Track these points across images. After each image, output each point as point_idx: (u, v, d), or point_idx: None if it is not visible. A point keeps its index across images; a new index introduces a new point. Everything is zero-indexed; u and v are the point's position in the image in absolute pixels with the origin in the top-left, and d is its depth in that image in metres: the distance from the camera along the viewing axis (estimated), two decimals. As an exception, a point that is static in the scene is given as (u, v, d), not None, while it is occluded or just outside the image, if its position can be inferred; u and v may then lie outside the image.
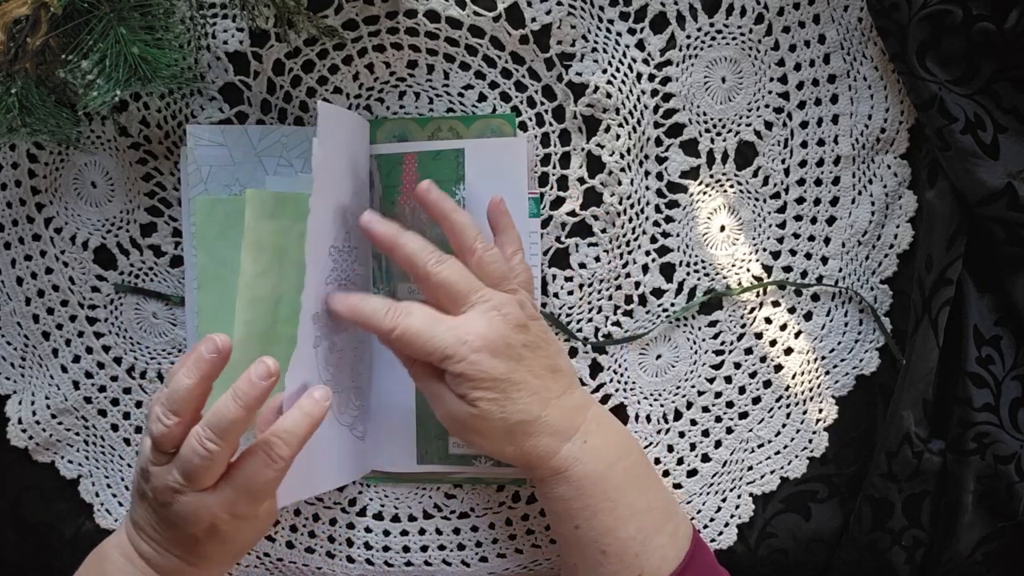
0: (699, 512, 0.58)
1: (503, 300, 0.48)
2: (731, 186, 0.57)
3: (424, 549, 0.59)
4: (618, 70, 0.55)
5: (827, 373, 0.57)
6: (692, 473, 0.58)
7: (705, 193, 0.57)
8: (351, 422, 0.55)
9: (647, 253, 0.57)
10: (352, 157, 0.53)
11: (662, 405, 0.58)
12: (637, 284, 0.57)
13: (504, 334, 0.47)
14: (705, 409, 0.58)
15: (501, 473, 0.57)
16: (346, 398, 0.54)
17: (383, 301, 0.48)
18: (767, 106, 0.56)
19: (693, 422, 0.58)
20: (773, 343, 0.57)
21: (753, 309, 0.57)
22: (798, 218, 0.57)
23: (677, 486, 0.58)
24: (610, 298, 0.57)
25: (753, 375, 0.58)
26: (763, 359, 0.58)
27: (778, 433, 0.58)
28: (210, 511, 0.44)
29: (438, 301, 0.49)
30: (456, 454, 0.57)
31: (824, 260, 0.57)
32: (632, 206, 0.56)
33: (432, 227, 0.54)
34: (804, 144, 0.56)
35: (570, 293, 0.57)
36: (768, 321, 0.57)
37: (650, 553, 0.47)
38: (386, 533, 0.59)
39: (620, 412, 0.58)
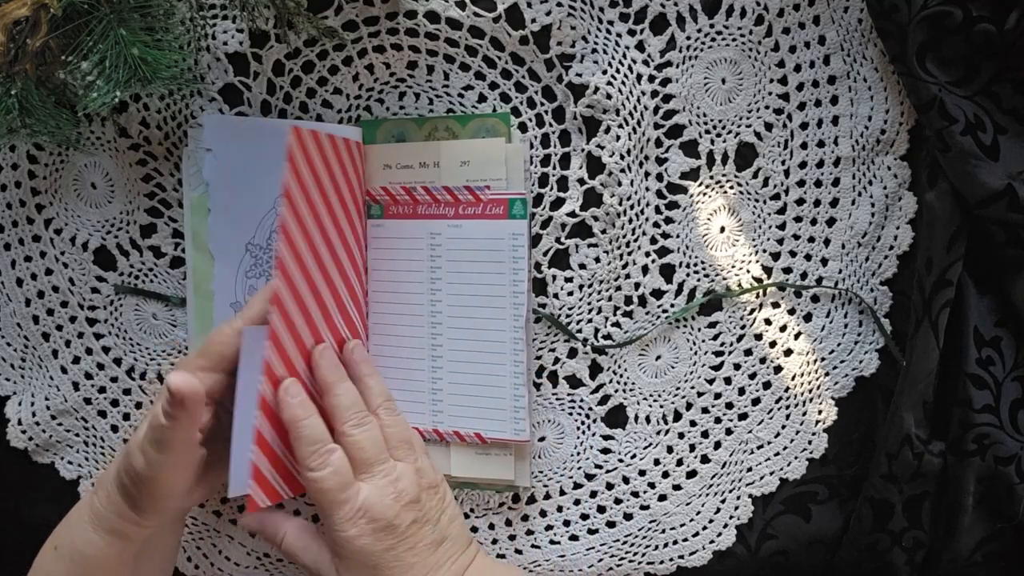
0: (698, 514, 0.58)
1: (401, 473, 0.50)
2: (731, 187, 0.56)
3: (424, 550, 0.59)
4: (618, 71, 0.55)
5: (827, 374, 0.57)
6: (691, 474, 0.58)
7: (705, 194, 0.57)
8: None
9: (647, 254, 0.57)
10: (259, 161, 0.55)
11: (661, 406, 0.58)
12: (637, 285, 0.57)
13: (393, 514, 0.48)
14: (704, 410, 0.58)
15: (498, 480, 0.57)
16: None
17: (322, 435, 0.49)
18: (767, 107, 0.56)
19: (692, 423, 0.58)
20: (773, 344, 0.57)
21: (753, 310, 0.57)
22: (798, 219, 0.57)
23: (676, 487, 0.58)
24: (610, 299, 0.57)
25: (753, 376, 0.58)
26: (763, 360, 0.58)
27: (778, 434, 0.58)
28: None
29: (348, 455, 0.50)
30: (456, 455, 0.57)
31: (824, 261, 0.57)
32: (632, 207, 0.56)
33: None
34: (804, 145, 0.56)
35: (570, 294, 0.57)
36: (768, 322, 0.57)
37: None
38: (386, 534, 0.59)
39: (619, 413, 0.58)
